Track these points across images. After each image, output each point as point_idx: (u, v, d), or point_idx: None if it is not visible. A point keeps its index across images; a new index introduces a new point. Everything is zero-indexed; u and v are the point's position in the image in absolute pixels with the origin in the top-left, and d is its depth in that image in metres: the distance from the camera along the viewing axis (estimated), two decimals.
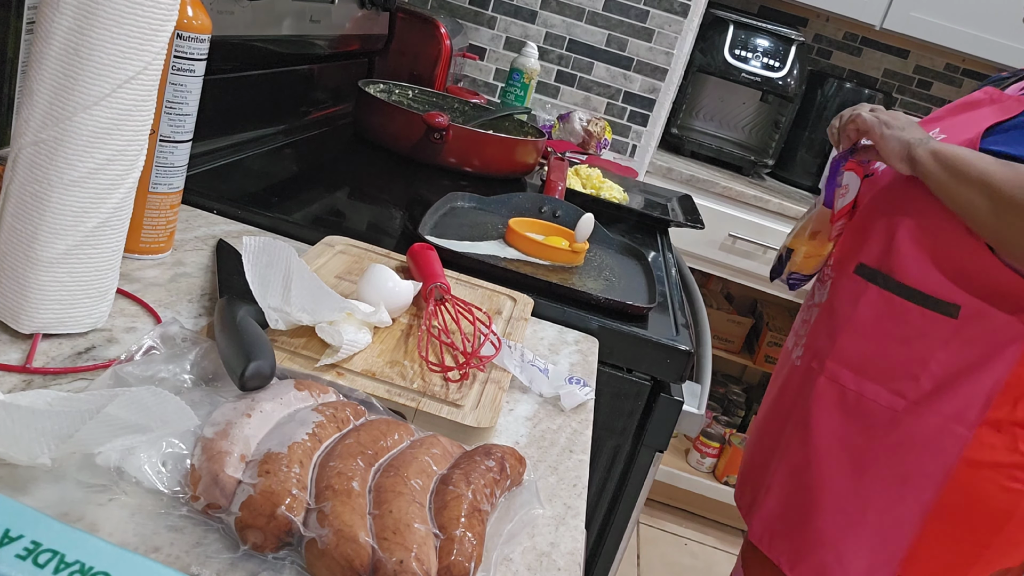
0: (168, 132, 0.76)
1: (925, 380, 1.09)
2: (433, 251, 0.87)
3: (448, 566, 0.46)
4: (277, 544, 0.45)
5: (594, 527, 1.01)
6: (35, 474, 0.46)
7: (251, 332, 0.58)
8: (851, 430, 1.15)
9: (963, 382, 1.07)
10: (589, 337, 0.90)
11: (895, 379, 1.11)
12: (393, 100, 1.58)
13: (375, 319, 0.68)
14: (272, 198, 1.02)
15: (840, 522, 1.16)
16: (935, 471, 1.09)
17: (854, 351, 1.15)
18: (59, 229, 0.57)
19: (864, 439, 1.14)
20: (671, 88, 2.38)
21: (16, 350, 0.58)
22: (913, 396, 1.10)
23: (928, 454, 1.10)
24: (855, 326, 1.15)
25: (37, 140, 0.56)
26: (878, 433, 1.13)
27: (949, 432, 1.08)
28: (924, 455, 1.10)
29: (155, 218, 0.77)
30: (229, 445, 0.48)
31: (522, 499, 0.56)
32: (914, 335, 1.10)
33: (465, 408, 0.64)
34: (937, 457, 1.09)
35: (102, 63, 0.55)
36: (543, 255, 1.03)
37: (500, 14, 2.36)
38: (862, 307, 1.15)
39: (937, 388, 1.08)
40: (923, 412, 1.10)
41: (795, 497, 1.22)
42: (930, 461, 1.09)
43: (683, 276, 1.30)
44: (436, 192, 1.17)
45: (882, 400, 1.12)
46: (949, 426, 1.08)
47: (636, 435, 0.94)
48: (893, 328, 1.12)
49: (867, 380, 1.14)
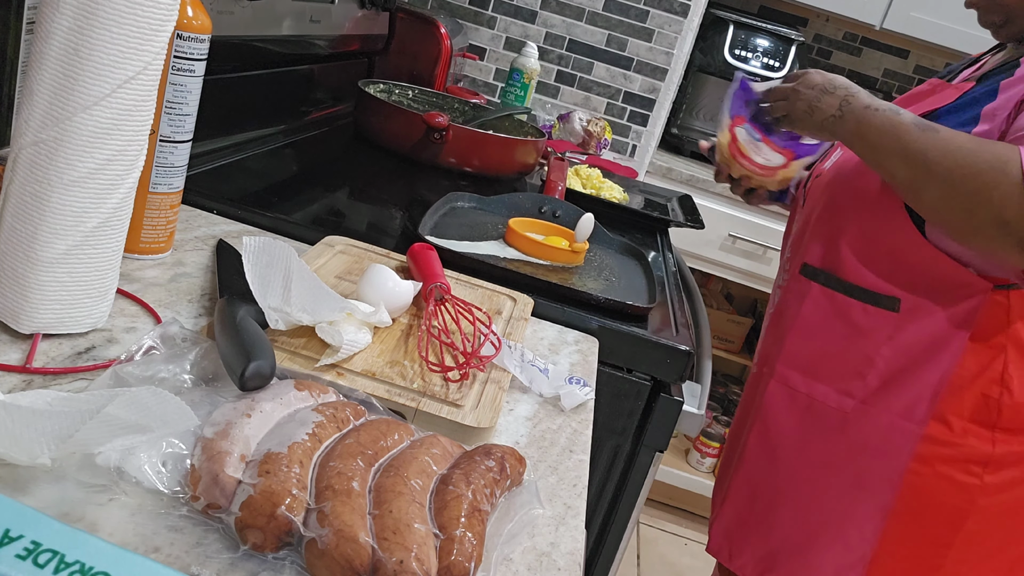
0: (168, 132, 0.76)
1: (872, 378, 1.07)
2: (433, 251, 0.87)
3: (448, 566, 0.46)
4: (277, 544, 0.45)
5: (594, 527, 1.01)
6: (35, 474, 0.46)
7: (251, 332, 0.58)
8: (805, 434, 1.13)
9: (909, 378, 1.05)
10: (589, 337, 0.90)
11: (843, 379, 1.10)
12: (393, 100, 1.58)
13: (375, 319, 0.68)
14: (272, 198, 1.02)
15: (803, 530, 1.14)
16: (890, 472, 1.07)
17: (801, 353, 1.13)
18: (59, 229, 0.57)
19: (819, 442, 1.12)
20: (671, 88, 2.38)
21: (16, 350, 0.58)
22: (861, 395, 1.08)
23: (881, 454, 1.08)
24: (801, 327, 1.13)
25: (37, 140, 0.56)
26: (831, 435, 1.11)
27: (899, 430, 1.06)
28: (877, 456, 1.08)
29: (155, 218, 0.77)
30: (229, 445, 0.48)
31: (522, 499, 0.56)
32: (858, 333, 1.08)
33: (465, 408, 0.64)
34: (890, 457, 1.07)
35: (102, 63, 0.55)
36: (543, 255, 1.03)
37: (500, 14, 2.36)
38: (806, 307, 1.13)
39: (884, 385, 1.07)
40: (872, 411, 1.08)
41: (754, 506, 1.19)
42: (884, 461, 1.08)
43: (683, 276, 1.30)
44: (436, 192, 1.17)
45: (831, 401, 1.10)
46: (899, 424, 1.06)
47: (636, 435, 0.94)
48: (838, 327, 1.10)
49: (816, 381, 1.12)
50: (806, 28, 2.81)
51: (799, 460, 1.14)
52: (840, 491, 1.11)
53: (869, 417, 1.08)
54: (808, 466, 1.13)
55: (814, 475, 1.12)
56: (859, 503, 1.10)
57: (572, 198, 1.38)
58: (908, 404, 1.05)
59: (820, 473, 1.12)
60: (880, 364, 1.07)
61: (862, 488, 1.09)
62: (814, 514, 1.13)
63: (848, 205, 1.10)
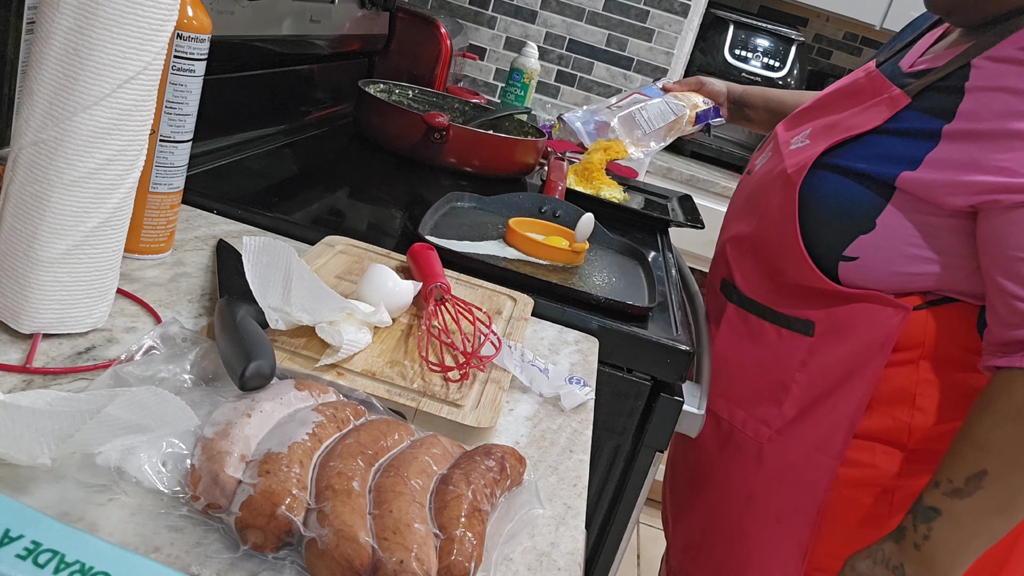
0: (168, 132, 0.76)
1: (788, 406, 1.00)
2: (433, 251, 0.87)
3: (448, 566, 0.46)
4: (277, 544, 0.45)
5: (594, 527, 1.01)
6: (35, 474, 0.46)
7: (251, 332, 0.58)
8: (730, 462, 1.07)
9: (824, 406, 0.98)
10: (589, 337, 0.90)
11: (759, 405, 1.03)
12: (393, 100, 1.58)
13: (375, 319, 0.68)
14: (272, 198, 1.02)
15: (737, 561, 1.08)
16: (807, 507, 1.00)
17: (721, 375, 1.05)
18: (59, 229, 0.57)
19: (740, 472, 1.06)
20: None
21: (16, 350, 0.58)
22: (777, 424, 1.01)
23: (798, 488, 1.00)
24: (719, 348, 1.06)
25: (37, 140, 0.56)
26: (750, 465, 1.04)
27: (815, 464, 0.99)
28: (794, 490, 1.01)
29: (155, 218, 0.77)
30: (229, 445, 0.48)
31: (522, 499, 0.56)
32: (773, 356, 1.01)
33: (465, 408, 0.64)
34: (806, 491, 1.00)
35: (102, 63, 0.55)
36: (543, 255, 1.03)
37: (500, 14, 2.36)
38: (723, 327, 1.07)
39: (800, 414, 1.00)
40: (788, 443, 1.01)
41: (698, 532, 1.14)
42: (801, 496, 1.00)
43: (683, 276, 1.30)
44: (436, 192, 1.17)
45: (749, 430, 1.04)
46: (815, 457, 0.99)
47: (636, 435, 0.94)
48: (753, 350, 1.03)
49: (737, 407, 1.05)
50: (806, 28, 2.81)
51: (725, 489, 1.08)
52: (762, 524, 1.05)
53: (785, 449, 1.01)
54: (733, 497, 1.07)
55: (739, 506, 1.07)
56: (780, 539, 1.04)
57: (572, 198, 1.37)
58: (824, 436, 0.98)
59: (744, 505, 1.06)
60: (795, 391, 1.00)
61: (781, 523, 1.03)
62: (740, 546, 1.07)
63: (758, 225, 1.03)
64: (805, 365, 0.99)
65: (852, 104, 0.99)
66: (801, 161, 0.97)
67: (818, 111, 1.05)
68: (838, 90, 1.06)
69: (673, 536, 1.22)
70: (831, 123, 0.99)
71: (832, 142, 0.94)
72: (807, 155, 0.96)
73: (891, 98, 0.93)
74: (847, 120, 0.96)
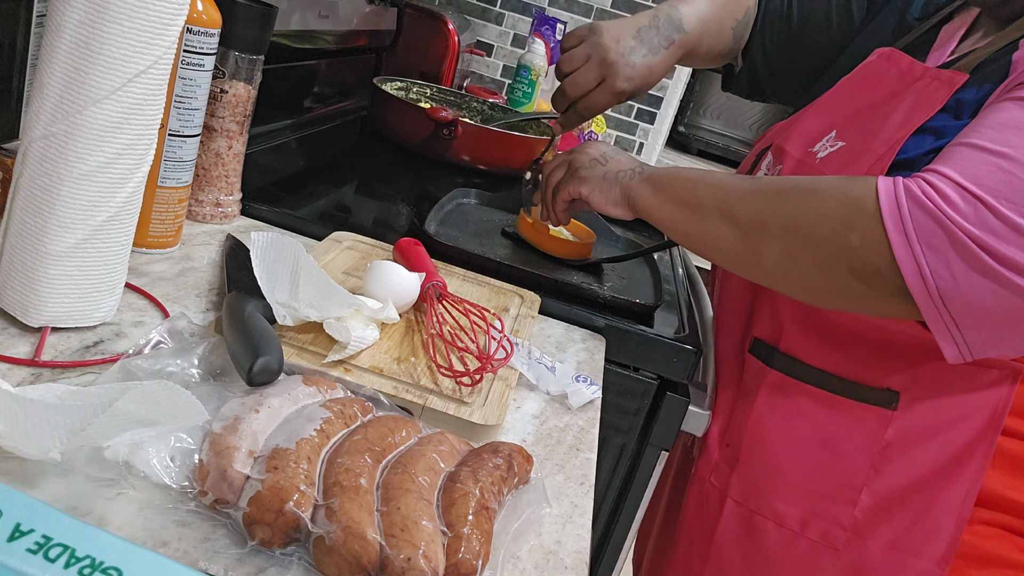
0: (177, 126, 0.76)
1: (866, 498, 0.80)
2: (420, 246, 0.85)
3: (455, 564, 0.46)
4: (285, 540, 0.45)
5: (599, 525, 1.01)
6: (44, 468, 0.46)
7: (259, 327, 0.58)
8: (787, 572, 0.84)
9: (914, 499, 0.78)
10: (596, 335, 0.90)
11: (822, 500, 0.81)
12: (410, 99, 1.58)
13: (383, 315, 0.68)
14: (280, 193, 1.02)
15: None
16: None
17: (757, 462, 0.85)
18: (68, 223, 0.57)
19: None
20: (678, 86, 2.37)
21: (25, 343, 0.58)
22: (849, 522, 0.80)
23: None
24: (754, 427, 0.85)
25: (47, 134, 0.56)
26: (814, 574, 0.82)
27: (910, 569, 0.79)
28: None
29: (164, 212, 0.77)
30: (237, 440, 0.48)
31: (529, 497, 0.56)
32: (840, 437, 0.80)
33: (472, 405, 0.64)
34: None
35: (113, 57, 0.55)
36: (551, 247, 1.03)
37: (507, 10, 2.35)
38: (760, 400, 0.85)
39: (882, 510, 0.80)
40: (868, 543, 0.80)
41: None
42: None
43: (690, 275, 1.30)
44: (446, 188, 1.17)
45: (813, 533, 0.81)
46: (908, 561, 0.79)
47: (642, 434, 0.94)
48: (808, 429, 0.82)
49: (790, 506, 0.83)
50: None
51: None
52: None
53: (864, 551, 0.80)
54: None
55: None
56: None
57: None
58: (921, 538, 0.78)
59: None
60: (877, 482, 0.79)
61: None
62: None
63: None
64: (889, 447, 0.79)
65: (880, 92, 0.80)
66: (861, 169, 0.75)
67: (831, 109, 0.86)
68: (849, 87, 0.86)
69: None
70: (860, 114, 0.80)
71: (900, 136, 0.73)
72: (864, 162, 0.75)
73: (941, 80, 0.74)
74: (888, 108, 0.77)
